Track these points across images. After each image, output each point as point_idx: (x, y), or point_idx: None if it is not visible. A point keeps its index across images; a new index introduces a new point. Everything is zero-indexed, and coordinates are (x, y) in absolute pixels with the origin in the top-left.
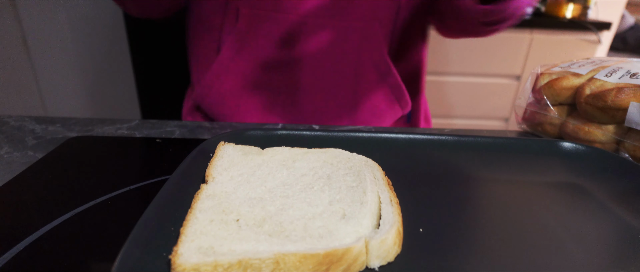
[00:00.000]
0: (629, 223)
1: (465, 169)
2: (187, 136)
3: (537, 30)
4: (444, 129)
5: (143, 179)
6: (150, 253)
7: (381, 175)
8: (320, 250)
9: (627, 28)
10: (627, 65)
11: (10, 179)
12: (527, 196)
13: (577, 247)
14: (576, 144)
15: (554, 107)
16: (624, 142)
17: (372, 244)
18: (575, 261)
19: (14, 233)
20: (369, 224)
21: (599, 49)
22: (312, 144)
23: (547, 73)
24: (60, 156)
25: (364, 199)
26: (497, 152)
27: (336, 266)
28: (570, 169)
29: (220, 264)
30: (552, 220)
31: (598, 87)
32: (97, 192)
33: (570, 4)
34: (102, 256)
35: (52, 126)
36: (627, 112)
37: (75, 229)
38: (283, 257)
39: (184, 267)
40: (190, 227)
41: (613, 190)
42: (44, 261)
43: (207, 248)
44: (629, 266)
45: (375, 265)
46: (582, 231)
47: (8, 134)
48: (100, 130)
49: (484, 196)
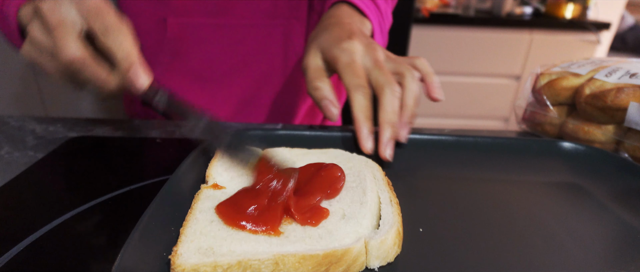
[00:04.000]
0: (628, 223)
1: (465, 169)
2: (187, 135)
3: (537, 30)
4: (444, 129)
5: (143, 179)
6: (150, 253)
7: (381, 175)
8: (320, 251)
9: (627, 28)
10: (627, 65)
11: (10, 179)
12: (527, 196)
13: (577, 247)
14: (576, 144)
15: (554, 107)
16: (623, 142)
17: (371, 245)
18: (575, 261)
19: (14, 233)
20: (369, 225)
21: (599, 49)
22: (312, 144)
23: (547, 73)
24: (60, 156)
25: (364, 200)
26: (497, 152)
27: (335, 267)
28: (570, 169)
29: (219, 264)
30: (552, 220)
31: (598, 87)
32: (97, 192)
33: (570, 4)
34: (102, 256)
35: (52, 126)
36: (627, 112)
37: (75, 229)
38: (282, 258)
39: (184, 267)
40: (190, 227)
41: (613, 190)
42: (44, 261)
43: (206, 249)
44: (629, 266)
45: (375, 265)
46: (582, 231)
47: (8, 134)
48: (100, 130)
49: (484, 196)
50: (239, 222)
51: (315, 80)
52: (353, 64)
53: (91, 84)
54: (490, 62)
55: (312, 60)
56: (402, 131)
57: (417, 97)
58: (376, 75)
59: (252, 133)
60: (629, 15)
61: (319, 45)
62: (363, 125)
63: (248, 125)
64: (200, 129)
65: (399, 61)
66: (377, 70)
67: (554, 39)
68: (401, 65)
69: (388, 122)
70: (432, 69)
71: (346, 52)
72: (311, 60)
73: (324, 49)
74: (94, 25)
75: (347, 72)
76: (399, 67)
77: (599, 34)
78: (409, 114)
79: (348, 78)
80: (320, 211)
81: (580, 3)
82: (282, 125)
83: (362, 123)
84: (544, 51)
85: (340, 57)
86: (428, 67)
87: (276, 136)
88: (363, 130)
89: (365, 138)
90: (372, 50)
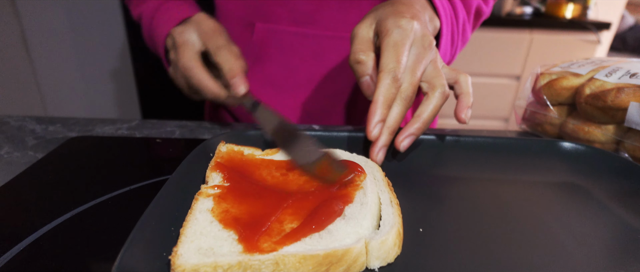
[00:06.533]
0: (629, 223)
1: (466, 169)
2: (187, 136)
3: (537, 30)
4: (444, 129)
5: (143, 179)
6: (150, 253)
7: (381, 176)
8: (320, 251)
9: (627, 28)
10: (627, 65)
11: (10, 179)
12: (527, 196)
13: (577, 247)
14: (576, 144)
15: (554, 107)
16: (623, 142)
17: (372, 245)
18: (575, 261)
19: (14, 233)
20: (369, 225)
21: (599, 49)
22: None
23: (547, 73)
24: (60, 156)
25: (364, 200)
26: (497, 152)
27: (336, 267)
28: (570, 169)
29: (219, 265)
30: (552, 220)
31: (598, 87)
32: (97, 192)
33: (570, 4)
34: (102, 256)
35: (52, 126)
36: (627, 112)
37: (75, 229)
38: (282, 258)
39: (184, 267)
40: (190, 227)
41: (613, 190)
42: (44, 261)
43: (206, 249)
44: (629, 266)
45: (375, 266)
46: (582, 231)
47: (8, 134)
48: (100, 130)
49: (484, 196)
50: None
51: (360, 52)
52: (401, 46)
53: (202, 89)
54: (490, 62)
55: (362, 29)
56: (405, 140)
57: (435, 112)
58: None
59: (251, 133)
60: (629, 15)
61: (376, 15)
62: (378, 110)
63: (247, 125)
64: (272, 130)
65: (440, 72)
66: (415, 66)
67: (554, 39)
68: (437, 77)
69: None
70: (471, 90)
71: (400, 30)
72: (362, 30)
73: (379, 20)
74: (208, 44)
75: (391, 52)
76: (434, 79)
77: (599, 34)
78: (419, 127)
79: (387, 58)
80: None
81: (580, 3)
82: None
83: (378, 107)
84: (544, 51)
85: (392, 32)
86: (468, 87)
87: None
88: (376, 115)
89: (374, 125)
90: (428, 42)
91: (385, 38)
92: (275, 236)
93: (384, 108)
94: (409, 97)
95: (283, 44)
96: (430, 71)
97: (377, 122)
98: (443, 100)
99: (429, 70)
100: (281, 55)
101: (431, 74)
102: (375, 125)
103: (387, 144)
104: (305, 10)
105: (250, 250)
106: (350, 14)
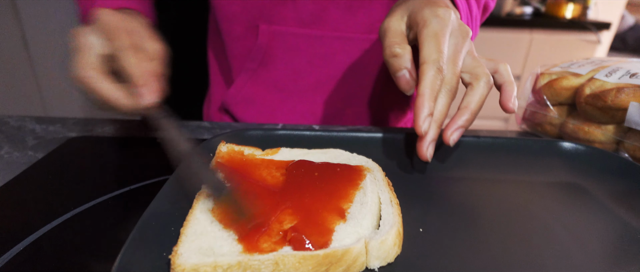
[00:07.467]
0: (629, 223)
1: (466, 169)
2: (187, 136)
3: (537, 30)
4: None
5: (143, 179)
6: (150, 253)
7: (381, 176)
8: (320, 251)
9: (627, 28)
10: (627, 65)
11: (10, 179)
12: (527, 196)
13: (577, 247)
14: (576, 144)
15: (554, 107)
16: (623, 142)
17: (371, 245)
18: (575, 261)
19: (14, 233)
20: (369, 225)
21: (599, 49)
22: (312, 144)
23: (547, 73)
24: (60, 156)
25: (364, 200)
26: (497, 152)
27: (336, 267)
28: (570, 169)
29: (219, 264)
30: (552, 220)
31: (598, 87)
32: (97, 192)
33: (570, 4)
34: (102, 256)
35: (52, 126)
36: (627, 112)
37: (75, 229)
38: (282, 258)
39: (184, 267)
40: (190, 227)
41: (613, 190)
42: (44, 261)
43: (207, 249)
44: (629, 266)
45: (375, 266)
46: (582, 231)
47: (8, 134)
48: (100, 130)
49: (484, 196)
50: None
51: (395, 45)
52: (441, 36)
53: (109, 103)
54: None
55: (395, 22)
56: (454, 133)
57: (482, 103)
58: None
59: (251, 133)
60: (629, 15)
61: (406, 8)
62: (426, 103)
63: (248, 126)
64: (177, 153)
65: (480, 61)
66: (456, 56)
67: (554, 39)
68: (479, 67)
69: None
70: (513, 78)
71: (439, 20)
72: (394, 23)
73: (412, 11)
74: (111, 47)
75: (431, 42)
76: (476, 69)
77: (599, 34)
78: (468, 118)
79: (429, 49)
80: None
81: (580, 3)
82: (282, 125)
83: (426, 100)
84: (544, 51)
85: (430, 23)
86: (510, 75)
87: (276, 136)
88: (424, 109)
89: (423, 119)
90: (465, 31)
91: (424, 29)
92: (275, 236)
93: (431, 101)
94: (454, 88)
95: (289, 46)
96: (470, 61)
97: (426, 116)
98: (488, 89)
99: (467, 60)
100: (287, 57)
101: (472, 64)
102: (425, 120)
103: (436, 138)
104: (311, 10)
105: (250, 250)
106: (358, 13)
